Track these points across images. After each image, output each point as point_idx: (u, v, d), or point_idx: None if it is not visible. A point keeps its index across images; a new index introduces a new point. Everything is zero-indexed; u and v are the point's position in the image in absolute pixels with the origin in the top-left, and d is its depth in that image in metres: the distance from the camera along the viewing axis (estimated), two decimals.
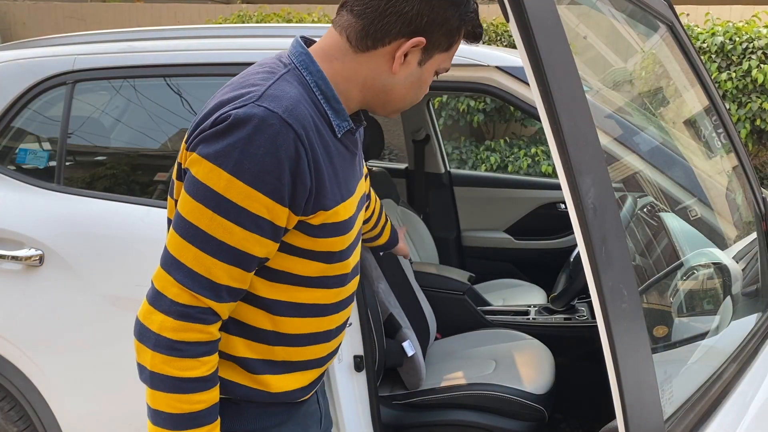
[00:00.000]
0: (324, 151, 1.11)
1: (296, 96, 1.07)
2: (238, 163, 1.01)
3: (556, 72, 0.78)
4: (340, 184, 1.16)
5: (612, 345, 0.82)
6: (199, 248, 1.04)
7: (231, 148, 1.01)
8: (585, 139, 0.80)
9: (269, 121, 1.01)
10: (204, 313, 1.06)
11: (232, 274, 1.06)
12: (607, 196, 0.80)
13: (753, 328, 1.60)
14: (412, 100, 1.23)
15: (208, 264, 1.04)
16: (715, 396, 1.27)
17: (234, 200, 1.02)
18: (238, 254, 1.05)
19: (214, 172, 1.02)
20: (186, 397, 1.06)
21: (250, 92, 1.05)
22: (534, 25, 0.75)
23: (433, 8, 1.10)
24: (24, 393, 2.09)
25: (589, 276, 0.83)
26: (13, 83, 2.13)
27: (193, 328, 1.05)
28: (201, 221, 1.03)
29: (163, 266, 1.07)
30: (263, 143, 1.01)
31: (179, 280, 1.05)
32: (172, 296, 1.05)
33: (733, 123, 5.54)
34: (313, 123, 1.08)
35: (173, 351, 1.04)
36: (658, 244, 1.87)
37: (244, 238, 1.04)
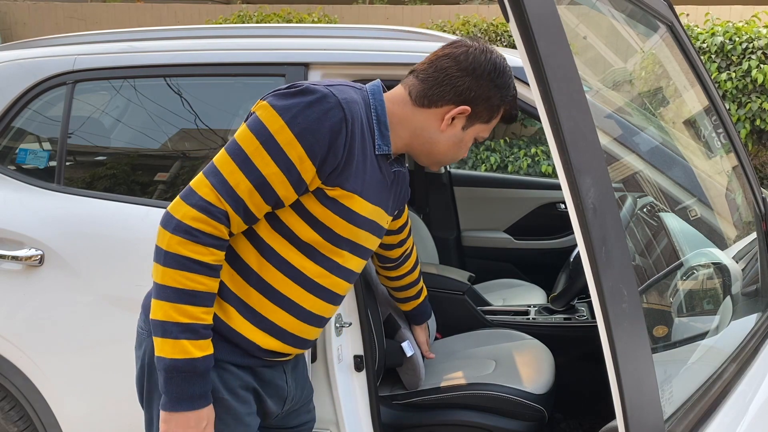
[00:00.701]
0: (361, 147, 1.36)
1: (357, 100, 1.35)
2: (294, 118, 1.27)
3: (556, 72, 0.77)
4: (365, 182, 1.38)
5: (612, 345, 0.82)
6: (237, 165, 1.28)
7: (293, 105, 1.27)
8: (585, 139, 0.80)
9: (329, 99, 1.29)
10: (221, 213, 1.28)
11: (253, 197, 1.29)
12: (607, 196, 0.80)
13: (753, 328, 1.60)
14: (452, 157, 1.51)
15: (239, 179, 1.28)
16: (715, 396, 1.27)
17: (279, 142, 1.27)
18: (264, 183, 1.28)
19: (274, 117, 1.27)
20: (192, 275, 1.27)
21: (325, 82, 1.34)
22: (534, 25, 0.74)
23: (480, 87, 1.40)
24: (24, 393, 2.09)
25: (589, 276, 0.83)
26: (14, 83, 2.13)
27: (210, 222, 1.27)
28: (248, 147, 1.28)
29: (204, 172, 1.31)
30: (317, 111, 1.27)
31: (212, 183, 1.28)
32: (202, 194, 1.28)
33: (733, 123, 5.55)
34: (361, 123, 1.35)
35: (189, 235, 1.26)
36: (657, 244, 1.87)
37: (274, 173, 1.28)
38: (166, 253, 1.26)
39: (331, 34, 2.09)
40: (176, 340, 1.27)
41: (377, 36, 2.06)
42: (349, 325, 1.91)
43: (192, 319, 1.28)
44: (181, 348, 1.27)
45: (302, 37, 2.05)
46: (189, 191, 1.29)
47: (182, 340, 1.27)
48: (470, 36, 1.51)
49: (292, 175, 1.29)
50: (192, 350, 1.28)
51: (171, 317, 1.27)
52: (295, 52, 1.97)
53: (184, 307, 1.27)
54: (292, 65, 1.96)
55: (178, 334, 1.27)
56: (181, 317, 1.27)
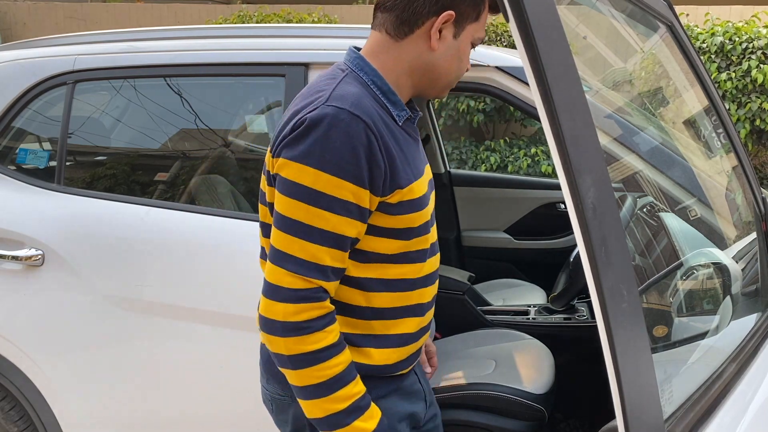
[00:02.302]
0: (391, 136, 1.25)
1: (358, 93, 1.22)
2: (321, 158, 1.16)
3: (556, 72, 0.77)
4: (410, 164, 1.29)
5: (612, 345, 0.82)
6: (302, 239, 1.19)
7: (312, 146, 1.16)
8: (585, 139, 0.80)
9: (340, 117, 1.16)
10: (317, 293, 1.20)
11: (334, 256, 1.21)
12: (606, 196, 0.80)
13: (753, 328, 1.60)
14: (456, 73, 1.35)
15: (313, 250, 1.19)
16: (715, 395, 1.27)
17: (323, 190, 1.17)
18: (336, 237, 1.20)
19: (302, 170, 1.17)
20: (325, 364, 1.20)
21: (318, 97, 1.21)
22: (534, 25, 0.74)
23: None
24: (24, 393, 2.09)
25: (589, 276, 0.83)
26: (14, 83, 2.13)
27: (312, 306, 1.19)
28: (299, 215, 1.18)
29: (273, 261, 1.21)
30: (338, 136, 1.16)
31: (291, 270, 1.19)
32: (288, 285, 1.19)
33: (733, 123, 5.55)
34: (377, 113, 1.23)
35: (301, 331, 1.19)
36: (657, 244, 1.87)
37: (338, 222, 1.19)
38: (289, 357, 1.20)
39: (331, 34, 2.09)
40: (348, 426, 1.23)
41: None
42: None
43: (350, 399, 1.23)
44: (355, 429, 1.24)
45: (302, 37, 2.05)
46: (272, 288, 1.20)
47: (353, 423, 1.23)
48: None
49: (354, 212, 1.20)
50: (365, 426, 1.24)
51: (331, 410, 1.22)
52: (295, 53, 1.98)
53: (336, 395, 1.22)
54: (292, 65, 1.96)
55: (346, 419, 1.23)
56: (339, 405, 1.22)
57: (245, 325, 1.88)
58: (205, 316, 1.90)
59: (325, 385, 1.21)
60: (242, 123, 2.24)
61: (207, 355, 1.93)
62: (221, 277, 1.89)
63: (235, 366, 1.92)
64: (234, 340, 1.90)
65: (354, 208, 1.20)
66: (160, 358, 1.97)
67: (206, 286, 1.90)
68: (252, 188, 2.21)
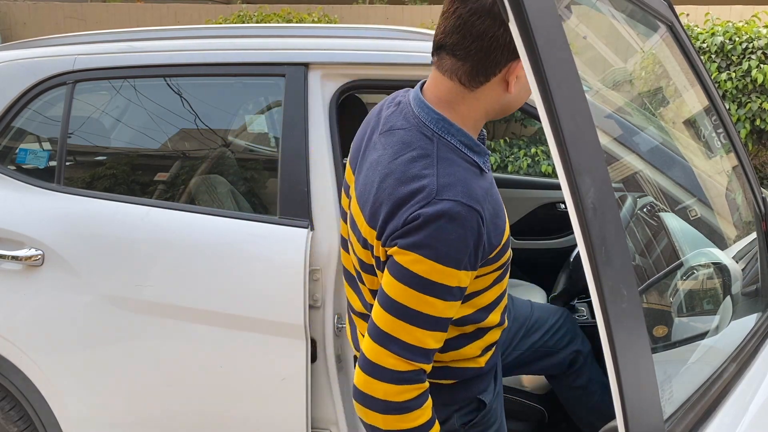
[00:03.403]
0: (490, 204, 1.24)
1: (462, 174, 1.21)
2: (436, 250, 1.17)
3: (556, 72, 0.77)
4: (499, 217, 1.29)
5: (612, 345, 0.82)
6: (409, 323, 1.21)
7: (428, 238, 1.17)
8: (585, 139, 0.80)
9: (455, 210, 1.16)
10: (419, 374, 1.24)
11: (437, 338, 1.24)
12: (607, 196, 0.80)
13: (753, 328, 1.60)
14: (522, 103, 1.35)
15: (419, 335, 1.21)
16: (715, 396, 1.27)
17: (435, 279, 1.18)
18: (440, 321, 1.23)
19: (417, 260, 1.18)
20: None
21: (424, 187, 1.20)
22: (534, 25, 0.74)
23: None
24: (24, 393, 2.09)
25: (589, 276, 0.83)
26: (14, 83, 2.13)
27: (413, 388, 1.23)
28: (409, 301, 1.20)
29: (376, 341, 1.23)
30: (453, 230, 1.17)
31: (395, 352, 1.21)
32: (391, 366, 1.21)
33: (733, 123, 5.54)
34: (479, 186, 1.22)
35: (403, 410, 1.22)
36: (657, 244, 1.88)
37: (444, 307, 1.22)
38: (375, 428, 1.25)
39: (331, 34, 2.09)
40: None
41: (377, 36, 2.06)
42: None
43: None
44: None
45: (302, 37, 2.05)
46: (372, 366, 1.23)
47: None
48: None
49: (457, 295, 1.24)
50: None
51: None
52: (295, 52, 1.98)
53: None
54: (291, 65, 1.96)
55: None
56: None
57: (245, 325, 1.88)
58: (205, 316, 1.90)
59: None
60: (242, 123, 2.24)
61: (207, 355, 1.93)
62: (221, 278, 1.89)
63: (234, 366, 1.92)
64: (234, 341, 1.90)
65: (458, 291, 1.23)
66: (160, 358, 1.97)
67: (206, 286, 1.90)
68: (252, 188, 2.21)
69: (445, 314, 1.23)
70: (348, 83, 1.98)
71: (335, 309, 1.88)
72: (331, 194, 1.92)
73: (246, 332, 1.89)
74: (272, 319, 1.85)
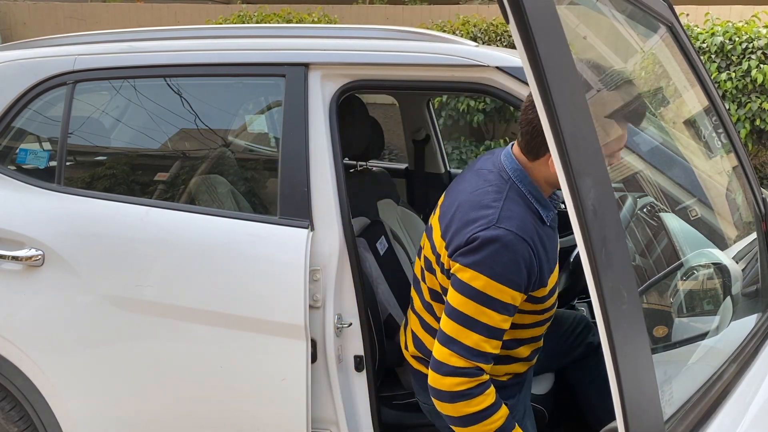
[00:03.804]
0: (542, 245, 1.55)
1: (522, 213, 1.53)
2: (491, 269, 1.47)
3: (556, 74, 0.77)
4: (550, 260, 1.62)
5: (612, 347, 0.82)
6: (469, 329, 1.51)
7: (485, 259, 1.48)
8: (585, 141, 0.80)
9: (508, 238, 1.48)
10: (477, 370, 1.53)
11: (492, 344, 1.53)
12: (607, 198, 0.80)
13: (753, 329, 1.60)
14: None
15: (477, 339, 1.51)
16: (715, 397, 1.27)
17: (491, 294, 1.48)
18: (496, 330, 1.51)
19: (475, 276, 1.49)
20: (489, 420, 1.54)
21: (488, 215, 1.52)
22: (534, 27, 0.74)
23: None
24: (25, 393, 2.09)
25: (589, 278, 0.83)
26: (14, 83, 2.13)
27: (472, 380, 1.52)
28: (469, 310, 1.50)
29: (442, 343, 1.55)
30: (507, 254, 1.47)
31: (457, 352, 1.52)
32: (453, 364, 1.52)
33: (733, 123, 5.54)
34: (534, 227, 1.54)
35: (466, 397, 1.52)
36: (658, 244, 1.87)
37: (500, 320, 1.51)
38: (459, 418, 1.54)
39: (330, 34, 2.09)
40: None
41: (377, 36, 2.05)
42: (349, 326, 1.91)
43: None
44: None
45: (302, 38, 2.05)
46: (439, 364, 1.54)
47: None
48: None
49: (510, 311, 1.52)
50: None
51: None
52: (295, 53, 1.97)
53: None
54: (292, 65, 1.96)
55: None
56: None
57: (245, 325, 1.88)
58: (205, 316, 1.90)
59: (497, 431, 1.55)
60: (242, 123, 2.24)
61: (207, 355, 1.93)
62: (221, 278, 1.89)
63: (234, 366, 1.92)
64: (234, 341, 1.90)
65: (511, 307, 1.52)
66: (160, 358, 1.97)
67: (206, 286, 1.90)
68: (252, 189, 2.21)
69: (500, 325, 1.51)
70: (348, 83, 1.97)
71: (335, 309, 1.88)
72: (331, 194, 1.91)
73: (246, 332, 1.89)
74: (272, 320, 1.85)
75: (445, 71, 1.92)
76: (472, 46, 1.98)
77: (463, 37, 6.99)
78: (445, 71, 1.92)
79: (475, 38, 7.09)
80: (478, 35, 7.10)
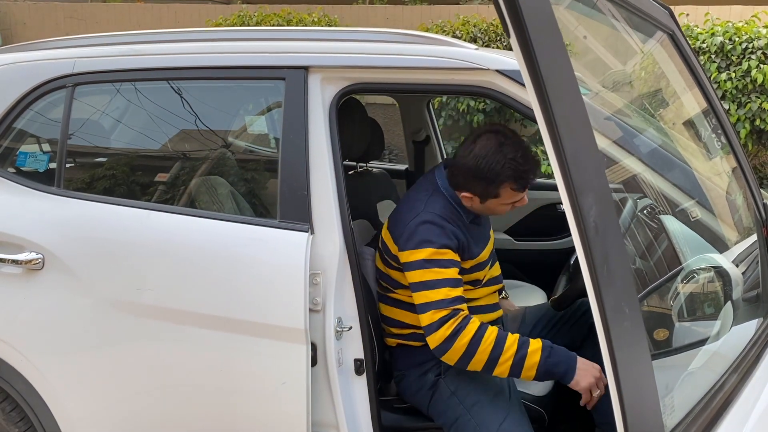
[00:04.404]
0: (465, 228, 2.01)
1: (444, 204, 1.99)
2: (429, 241, 1.90)
3: (558, 91, 0.76)
4: (477, 243, 2.05)
5: (614, 362, 0.82)
6: (435, 288, 1.86)
7: (421, 237, 1.91)
8: (587, 158, 0.79)
9: (433, 218, 1.93)
10: (456, 310, 1.84)
11: (458, 290, 1.88)
12: (608, 215, 0.80)
13: (754, 335, 1.60)
14: (501, 213, 2.07)
15: (444, 291, 1.86)
16: (717, 407, 1.27)
17: (437, 258, 1.89)
18: (454, 280, 1.89)
19: (421, 252, 1.90)
20: (483, 342, 1.81)
21: (418, 209, 1.97)
22: (535, 43, 0.74)
23: (467, 181, 1.96)
24: (25, 396, 2.08)
25: (591, 294, 0.82)
26: (14, 86, 2.13)
27: (455, 319, 1.83)
28: (428, 276, 1.88)
29: (422, 312, 1.87)
30: (436, 228, 1.91)
31: (435, 308, 1.85)
32: (438, 317, 1.83)
33: (733, 123, 5.54)
34: (454, 216, 1.98)
35: (458, 333, 1.81)
36: (658, 247, 1.87)
37: (454, 271, 1.90)
38: (462, 355, 1.82)
39: (330, 37, 2.09)
40: (524, 358, 1.82)
41: (376, 39, 2.05)
42: (349, 329, 1.91)
43: (513, 347, 1.83)
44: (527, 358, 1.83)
45: (302, 41, 2.04)
46: (429, 326, 1.84)
47: (525, 354, 1.82)
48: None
49: (456, 264, 1.90)
50: (534, 352, 1.83)
51: (508, 363, 1.83)
52: (295, 56, 1.97)
53: (504, 352, 1.82)
54: (291, 68, 1.96)
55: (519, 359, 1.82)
56: (509, 354, 1.82)
57: (245, 328, 1.88)
58: (205, 319, 1.90)
59: (493, 353, 1.81)
60: (242, 127, 2.24)
61: (207, 358, 1.93)
62: (221, 281, 1.89)
63: (234, 369, 1.92)
64: (234, 344, 1.90)
65: (456, 262, 1.91)
66: (160, 362, 1.97)
67: (206, 289, 1.90)
68: (252, 192, 2.21)
69: (456, 276, 1.89)
70: (348, 86, 1.97)
71: (336, 312, 1.88)
72: (331, 198, 1.91)
73: (246, 336, 1.88)
74: (272, 323, 1.85)
75: (445, 74, 1.92)
76: (472, 49, 1.98)
77: (464, 37, 6.99)
78: (444, 74, 1.92)
79: (475, 38, 7.09)
80: (478, 35, 7.09)
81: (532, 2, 0.72)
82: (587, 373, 1.83)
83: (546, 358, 1.83)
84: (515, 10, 0.71)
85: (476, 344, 1.81)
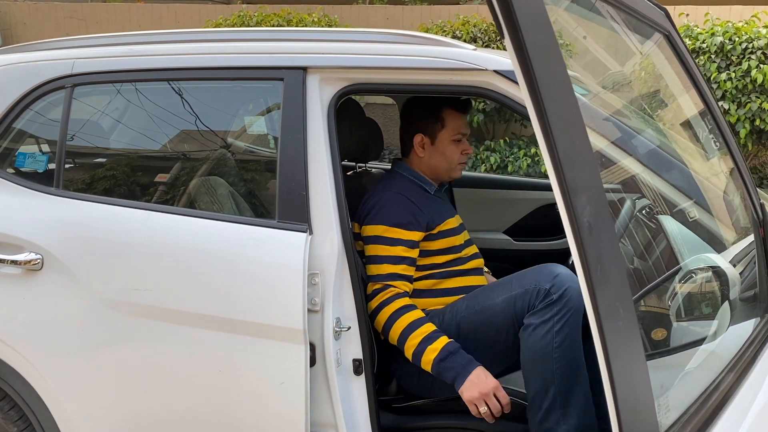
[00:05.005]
0: (424, 198, 2.15)
1: (402, 182, 2.17)
2: (382, 218, 2.07)
3: (552, 92, 0.77)
4: (441, 213, 2.17)
5: (608, 363, 0.82)
6: (379, 263, 2.04)
7: (376, 213, 2.09)
8: (580, 158, 0.79)
9: (390, 194, 2.12)
10: (386, 286, 2.01)
11: (399, 267, 2.03)
12: (602, 215, 0.80)
13: (751, 335, 1.60)
14: (447, 165, 2.23)
15: (385, 268, 2.03)
16: (713, 408, 1.27)
17: (387, 236, 2.05)
18: (398, 258, 2.04)
19: (375, 228, 2.08)
20: (400, 320, 1.97)
21: (377, 190, 2.16)
22: (529, 46, 0.74)
23: (412, 125, 2.22)
24: (23, 395, 2.09)
25: (585, 295, 0.82)
26: (13, 87, 2.13)
27: (385, 293, 2.00)
28: (377, 251, 2.06)
29: (368, 281, 2.05)
30: (391, 205, 2.09)
31: (374, 281, 2.03)
32: (372, 288, 2.02)
33: (733, 123, 5.54)
34: (413, 190, 2.16)
35: (383, 305, 1.99)
36: (656, 247, 1.88)
37: (401, 250, 2.05)
38: (384, 324, 1.99)
39: (329, 37, 2.09)
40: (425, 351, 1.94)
41: (376, 39, 2.06)
42: (348, 329, 1.91)
43: (422, 335, 1.95)
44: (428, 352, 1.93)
45: (300, 41, 2.05)
46: (367, 297, 2.02)
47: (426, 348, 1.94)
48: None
49: (406, 244, 2.05)
50: (435, 347, 1.93)
51: (413, 346, 1.95)
52: (293, 56, 1.97)
53: (413, 335, 1.95)
54: (290, 69, 1.96)
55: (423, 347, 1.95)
56: (416, 340, 1.95)
57: (244, 329, 1.88)
58: (204, 320, 1.90)
59: (402, 335, 1.95)
60: (240, 127, 2.24)
61: (206, 359, 1.93)
62: (220, 282, 1.89)
63: (233, 370, 1.92)
64: (233, 345, 1.90)
65: (407, 242, 2.05)
66: (159, 363, 1.97)
67: (205, 290, 1.90)
68: (251, 192, 2.21)
69: (401, 254, 2.04)
70: (346, 87, 1.98)
71: (334, 313, 1.88)
72: (329, 198, 1.92)
73: (245, 336, 1.89)
74: (271, 323, 1.85)
75: (443, 75, 1.92)
76: (470, 50, 1.98)
77: (464, 37, 6.99)
78: (443, 75, 1.92)
79: (475, 39, 7.09)
80: (478, 35, 7.09)
81: (525, 2, 0.73)
82: (475, 388, 1.88)
83: (439, 361, 1.91)
84: (508, 10, 0.72)
85: (392, 321, 1.96)
